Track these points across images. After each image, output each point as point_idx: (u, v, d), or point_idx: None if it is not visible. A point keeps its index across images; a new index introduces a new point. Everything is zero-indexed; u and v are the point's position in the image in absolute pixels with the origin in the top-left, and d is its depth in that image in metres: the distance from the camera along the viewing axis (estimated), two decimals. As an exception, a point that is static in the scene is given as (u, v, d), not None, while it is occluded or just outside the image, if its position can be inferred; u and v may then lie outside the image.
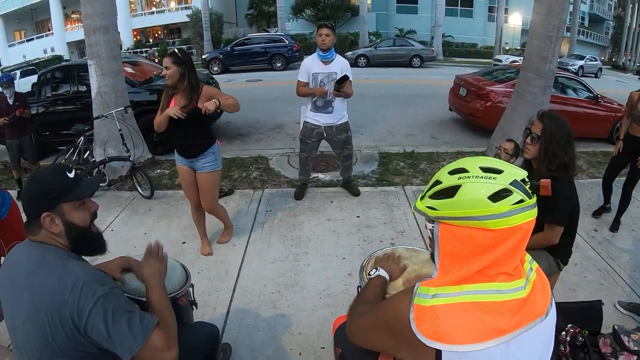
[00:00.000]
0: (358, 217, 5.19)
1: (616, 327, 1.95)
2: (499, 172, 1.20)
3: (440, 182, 1.27)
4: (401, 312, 1.25)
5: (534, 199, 1.20)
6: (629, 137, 4.98)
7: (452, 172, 1.26)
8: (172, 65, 3.63)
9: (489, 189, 1.17)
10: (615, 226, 5.09)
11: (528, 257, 1.36)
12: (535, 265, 1.35)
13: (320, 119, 5.20)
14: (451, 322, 1.16)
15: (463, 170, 1.24)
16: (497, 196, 1.16)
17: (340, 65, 5.02)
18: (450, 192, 1.22)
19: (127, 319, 1.58)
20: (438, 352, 1.16)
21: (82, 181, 1.76)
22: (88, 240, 1.78)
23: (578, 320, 2.07)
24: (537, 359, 1.28)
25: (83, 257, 1.80)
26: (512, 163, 3.79)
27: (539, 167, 2.81)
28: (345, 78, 4.81)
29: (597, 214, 5.39)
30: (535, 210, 1.20)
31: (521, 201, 1.17)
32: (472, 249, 1.19)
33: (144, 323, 1.62)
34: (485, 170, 1.21)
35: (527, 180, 1.21)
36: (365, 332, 1.43)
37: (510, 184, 1.17)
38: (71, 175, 1.72)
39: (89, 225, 1.77)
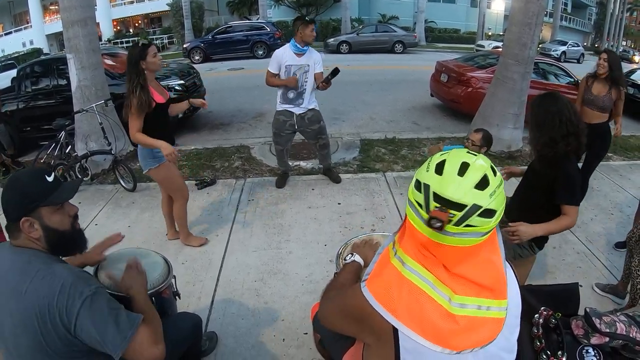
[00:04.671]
0: (339, 204, 5.23)
1: (588, 309, 1.99)
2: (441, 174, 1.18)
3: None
4: (361, 302, 1.26)
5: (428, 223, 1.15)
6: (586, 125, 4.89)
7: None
8: None
9: (421, 171, 1.21)
10: None
11: (486, 302, 1.21)
12: (489, 313, 1.21)
13: (292, 110, 5.22)
14: (411, 306, 1.18)
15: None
16: (418, 185, 1.20)
17: (313, 57, 5.04)
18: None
19: (115, 317, 1.62)
20: (395, 337, 1.20)
21: (61, 185, 1.75)
22: (67, 243, 1.78)
23: (555, 303, 2.11)
24: (502, 345, 1.28)
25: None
26: (481, 154, 3.84)
27: (543, 153, 2.80)
28: (337, 71, 4.85)
29: None
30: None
31: (420, 205, 1.18)
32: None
33: (131, 320, 1.66)
34: (437, 166, 1.19)
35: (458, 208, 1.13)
36: (332, 317, 1.47)
37: (427, 187, 1.17)
38: (50, 179, 1.72)
39: (69, 228, 1.77)
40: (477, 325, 1.17)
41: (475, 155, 1.22)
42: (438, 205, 1.13)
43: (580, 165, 5.02)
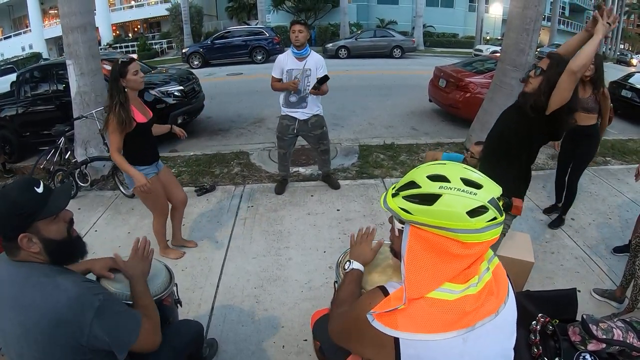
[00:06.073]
0: (338, 210, 5.25)
1: (585, 316, 2.01)
2: (479, 187, 1.23)
3: (419, 186, 1.27)
4: (363, 314, 1.29)
5: (503, 217, 1.24)
6: (574, 127, 4.76)
7: (432, 178, 1.27)
8: None
9: (468, 204, 1.19)
10: (557, 223, 4.93)
11: (488, 254, 1.38)
12: (493, 264, 1.37)
13: (295, 115, 5.22)
14: (406, 313, 1.22)
15: (444, 179, 1.25)
16: (475, 212, 1.19)
17: (315, 61, 5.02)
18: (428, 199, 1.23)
19: (124, 320, 1.70)
20: (397, 346, 1.21)
21: (52, 194, 1.69)
22: (67, 250, 1.75)
23: (553, 309, 2.13)
24: (498, 351, 1.31)
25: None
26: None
27: (537, 99, 2.80)
28: (326, 78, 4.86)
29: (548, 211, 5.25)
30: (502, 227, 1.26)
31: (494, 219, 1.21)
32: (440, 255, 1.24)
33: (136, 319, 1.74)
34: (466, 183, 1.23)
35: (500, 197, 1.25)
36: (339, 335, 1.49)
37: (488, 201, 1.20)
38: (40, 190, 1.65)
39: (66, 235, 1.73)
40: (487, 287, 1.28)
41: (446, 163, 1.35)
42: (499, 201, 1.25)
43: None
